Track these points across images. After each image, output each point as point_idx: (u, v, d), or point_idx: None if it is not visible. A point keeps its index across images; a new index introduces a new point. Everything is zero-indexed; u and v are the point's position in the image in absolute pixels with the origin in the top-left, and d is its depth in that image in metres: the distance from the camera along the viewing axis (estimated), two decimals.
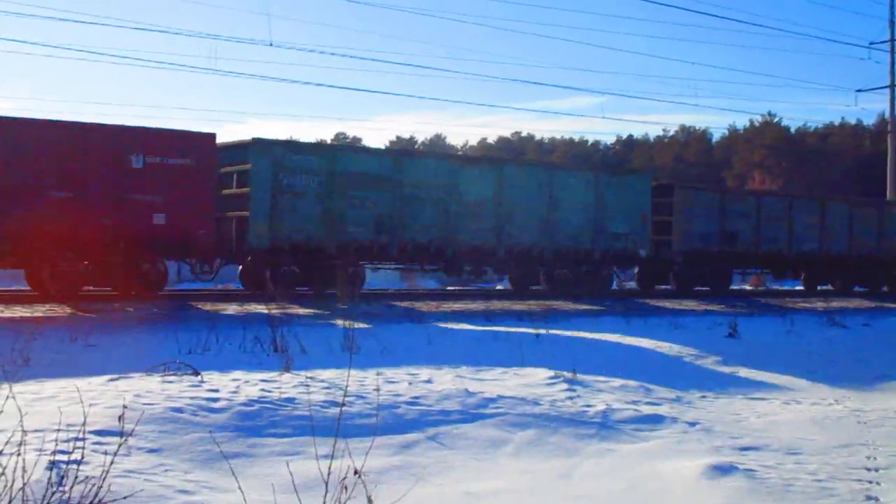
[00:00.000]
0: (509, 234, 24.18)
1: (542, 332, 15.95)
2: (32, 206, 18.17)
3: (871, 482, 7.97)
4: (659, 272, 28.75)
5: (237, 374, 10.47)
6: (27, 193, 18.14)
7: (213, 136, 20.92)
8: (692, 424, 9.91)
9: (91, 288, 19.63)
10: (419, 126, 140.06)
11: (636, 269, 29.23)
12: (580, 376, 11.78)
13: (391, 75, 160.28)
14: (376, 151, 25.37)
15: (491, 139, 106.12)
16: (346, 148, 27.09)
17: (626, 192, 26.25)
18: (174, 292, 21.38)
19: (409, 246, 22.74)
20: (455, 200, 23.27)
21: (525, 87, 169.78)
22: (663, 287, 29.27)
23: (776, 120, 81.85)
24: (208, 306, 19.23)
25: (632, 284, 31.59)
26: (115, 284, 19.61)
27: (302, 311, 18.85)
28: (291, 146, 22.06)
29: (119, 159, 19.03)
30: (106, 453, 6.62)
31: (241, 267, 22.78)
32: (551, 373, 11.78)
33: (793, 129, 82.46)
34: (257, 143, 21.31)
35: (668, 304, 24.97)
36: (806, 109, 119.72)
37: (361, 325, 15.81)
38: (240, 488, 6.04)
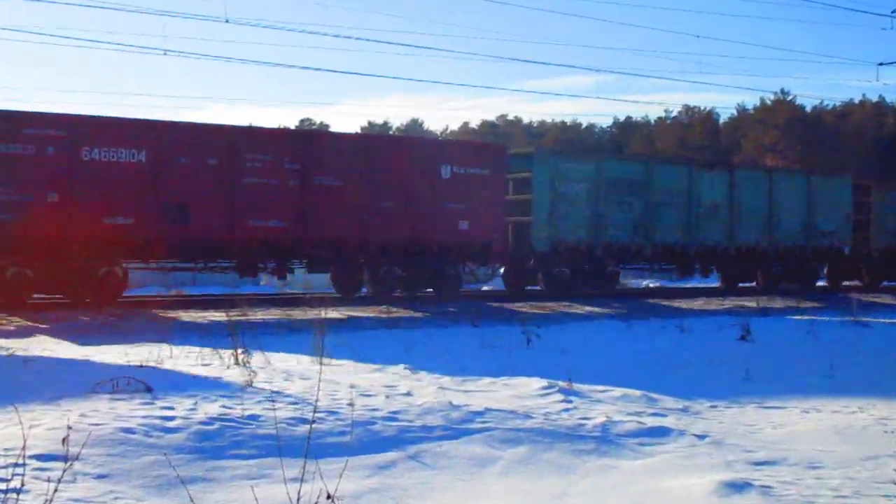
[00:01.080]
0: (738, 234, 29.15)
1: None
2: (366, 216, 22.34)
3: None
4: (848, 268, 33.19)
5: (194, 389, 10.45)
6: (362, 205, 22.27)
7: (505, 147, 26.34)
8: (701, 437, 9.96)
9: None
10: (394, 110, 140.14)
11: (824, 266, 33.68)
12: (576, 385, 11.83)
13: (361, 54, 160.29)
14: (632, 158, 33.07)
15: (474, 123, 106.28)
16: (609, 156, 32.48)
17: (832, 193, 31.30)
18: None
19: (659, 247, 27.64)
20: (694, 203, 28.14)
21: (512, 66, 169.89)
22: (848, 283, 33.39)
23: (790, 98, 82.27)
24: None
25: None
26: (429, 287, 23.83)
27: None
28: (565, 155, 27.35)
29: (432, 171, 23.33)
30: (49, 480, 6.60)
31: (503, 269, 27.11)
32: (544, 382, 11.83)
33: (808, 108, 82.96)
34: (539, 152, 26.42)
35: None
36: (822, 86, 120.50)
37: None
38: None
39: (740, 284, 31.08)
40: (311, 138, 22.85)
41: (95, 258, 19.93)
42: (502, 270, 27.21)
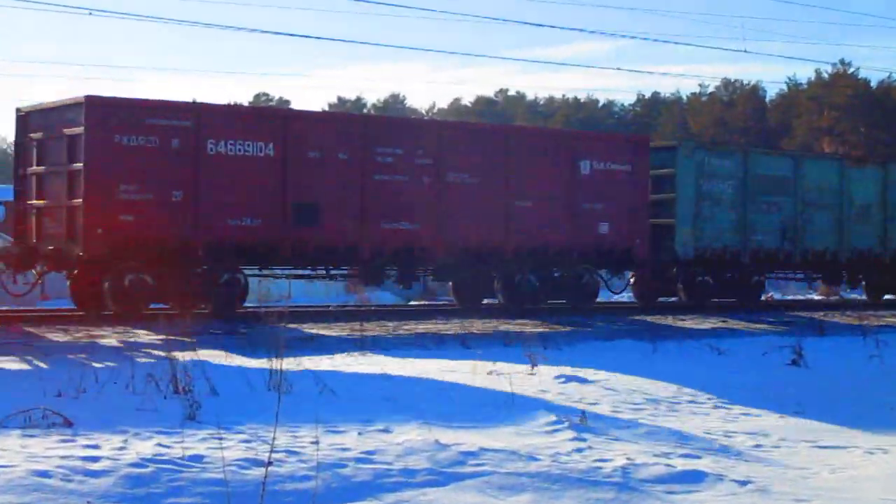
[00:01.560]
0: (892, 239, 31.20)
1: None
2: (502, 217, 24.25)
3: None
4: None
5: (124, 423, 10.43)
6: (498, 205, 24.23)
7: (648, 139, 29.38)
8: (743, 483, 9.97)
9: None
10: (370, 83, 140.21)
11: None
12: (591, 421, 11.83)
13: (331, 15, 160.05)
14: (779, 153, 35.60)
15: (467, 100, 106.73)
16: (758, 150, 34.76)
17: None
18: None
19: (809, 253, 29.52)
20: (846, 204, 30.09)
21: (513, 31, 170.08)
22: None
23: (851, 71, 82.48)
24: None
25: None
26: (561, 298, 25.64)
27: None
28: (712, 149, 29.69)
29: (570, 166, 25.23)
30: None
31: (632, 279, 28.80)
32: (552, 416, 11.84)
33: (874, 83, 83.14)
34: (684, 145, 28.37)
35: None
36: (891, 56, 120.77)
37: None
38: None
39: (886, 296, 33.03)
40: (443, 129, 25.70)
41: (219, 264, 21.69)
42: (632, 280, 28.86)
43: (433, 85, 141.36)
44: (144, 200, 20.59)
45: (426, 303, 30.51)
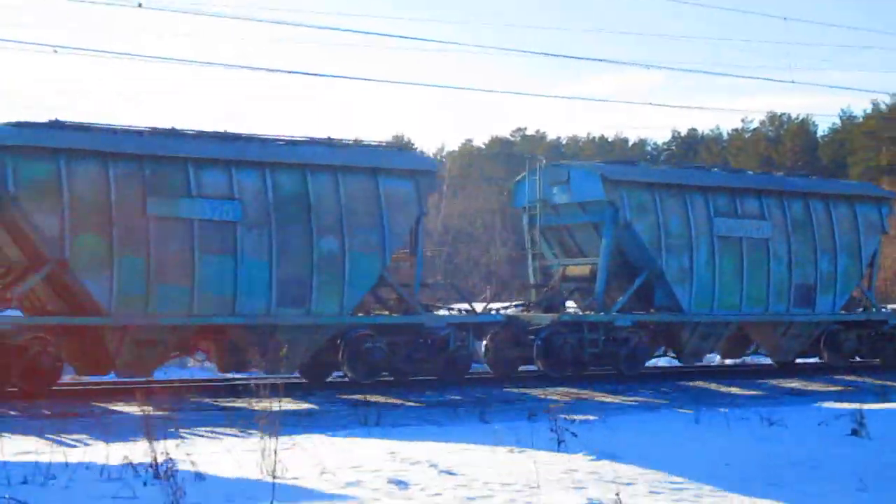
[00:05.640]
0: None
1: None
2: None
3: None
4: None
5: None
6: None
7: None
8: None
9: None
10: (368, 122, 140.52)
11: None
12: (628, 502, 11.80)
13: (319, 47, 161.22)
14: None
15: (479, 141, 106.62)
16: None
17: None
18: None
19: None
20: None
21: (533, 63, 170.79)
22: None
23: None
24: None
25: None
26: None
27: None
28: None
29: None
30: None
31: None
32: (583, 500, 11.80)
33: None
34: None
35: None
36: None
37: None
38: None
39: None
40: None
41: None
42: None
43: (439, 124, 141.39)
44: None
45: None
